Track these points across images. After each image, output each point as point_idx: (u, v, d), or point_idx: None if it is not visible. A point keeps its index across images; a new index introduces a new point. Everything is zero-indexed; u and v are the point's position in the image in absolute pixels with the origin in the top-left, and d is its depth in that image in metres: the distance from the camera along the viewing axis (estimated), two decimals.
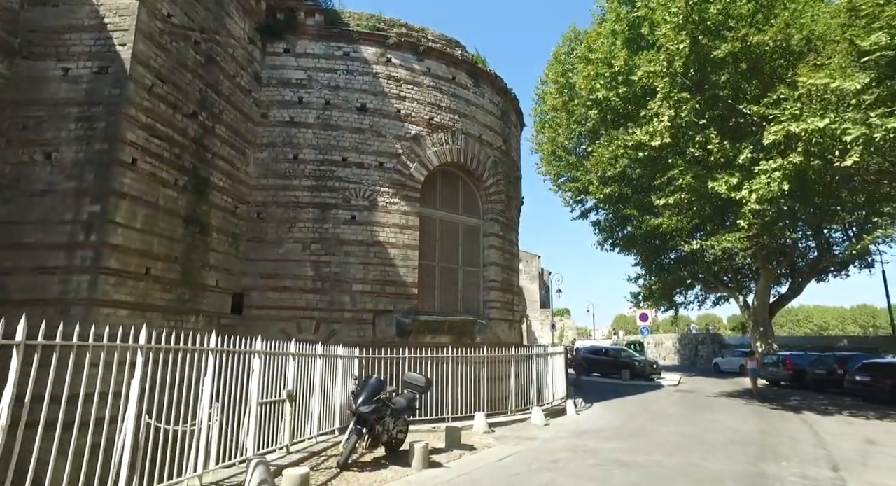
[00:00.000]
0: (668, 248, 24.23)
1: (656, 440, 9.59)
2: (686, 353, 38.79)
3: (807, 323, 62.15)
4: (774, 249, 20.17)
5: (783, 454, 8.65)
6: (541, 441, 9.41)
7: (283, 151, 11.36)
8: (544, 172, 27.16)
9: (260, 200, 11.07)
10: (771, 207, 11.73)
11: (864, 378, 16.07)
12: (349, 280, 11.05)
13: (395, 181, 11.86)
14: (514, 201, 15.06)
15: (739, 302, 25.35)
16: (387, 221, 11.62)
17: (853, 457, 8.53)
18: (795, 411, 13.74)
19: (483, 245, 13.74)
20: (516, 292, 14.50)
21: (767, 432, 10.56)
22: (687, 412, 13.35)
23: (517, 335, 14.30)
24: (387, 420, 6.93)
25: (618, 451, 8.63)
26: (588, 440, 9.61)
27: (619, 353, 24.26)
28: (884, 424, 11.98)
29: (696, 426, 11.09)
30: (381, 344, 10.58)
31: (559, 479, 6.63)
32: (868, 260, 22.47)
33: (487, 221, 13.83)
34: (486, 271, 13.56)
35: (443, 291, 12.69)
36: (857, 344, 27.16)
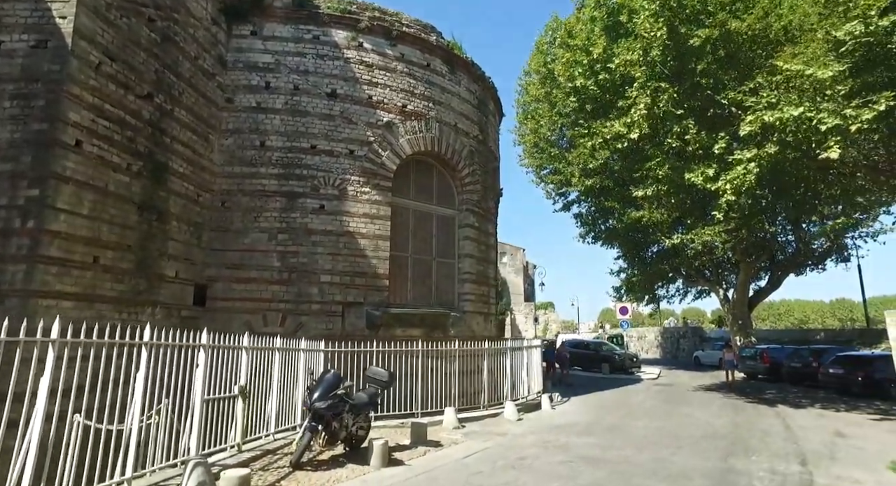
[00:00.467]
0: (649, 241, 24.21)
1: (629, 435, 9.44)
2: (668, 346, 39.03)
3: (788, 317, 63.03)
4: (753, 242, 20.19)
5: (754, 448, 8.53)
6: (511, 437, 9.20)
7: (250, 137, 10.93)
8: (527, 164, 26.88)
9: (225, 188, 10.65)
10: (747, 199, 11.61)
11: (837, 371, 16.15)
12: (317, 271, 10.71)
13: (366, 170, 11.51)
14: (491, 192, 14.79)
15: (720, 296, 25.45)
16: (357, 210, 11.28)
17: (822, 450, 8.45)
18: (770, 404, 13.73)
19: (458, 236, 13.46)
20: (492, 284, 14.26)
21: (740, 425, 10.48)
22: (663, 405, 13.26)
23: (493, 329, 14.09)
24: (345, 416, 6.64)
25: (589, 446, 8.45)
26: (560, 435, 9.42)
27: (600, 347, 24.23)
28: (853, 416, 12.00)
29: (671, 421, 10.97)
30: (350, 337, 10.26)
31: (522, 478, 6.41)
32: (844, 254, 22.65)
33: (463, 211, 13.54)
34: (461, 262, 13.29)
35: (415, 283, 12.40)
36: (833, 337, 27.44)
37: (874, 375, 15.31)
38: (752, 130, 10.23)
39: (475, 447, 8.21)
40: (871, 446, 8.91)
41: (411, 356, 10.39)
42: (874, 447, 8.86)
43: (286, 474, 5.89)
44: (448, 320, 12.13)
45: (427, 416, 10.16)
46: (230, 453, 6.16)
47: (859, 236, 21.26)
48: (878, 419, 11.82)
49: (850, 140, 11.30)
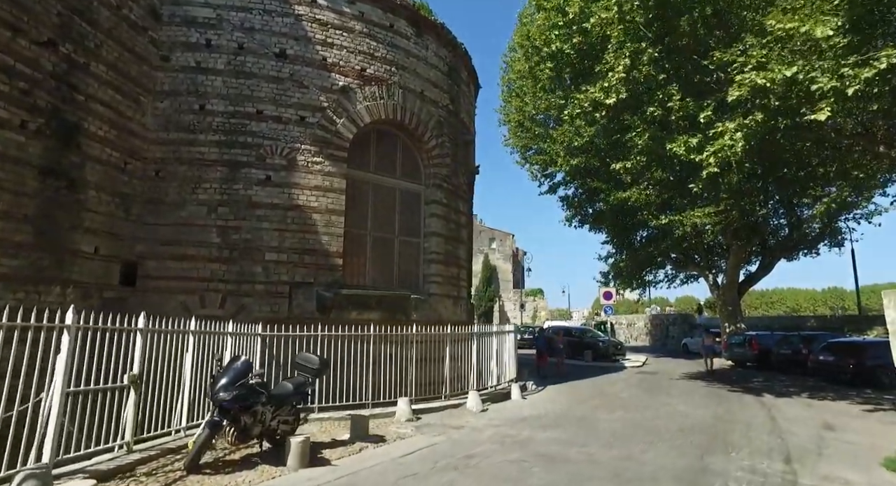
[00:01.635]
0: (637, 224, 23.28)
1: (599, 429, 8.59)
2: (657, 334, 38.40)
3: (780, 305, 62.65)
4: (744, 225, 19.30)
5: (734, 443, 7.70)
6: (468, 430, 8.33)
7: (188, 100, 9.86)
8: (512, 144, 25.82)
9: (159, 156, 9.60)
10: (735, 174, 10.68)
11: (828, 358, 15.40)
12: (262, 248, 9.73)
13: (318, 138, 10.48)
14: (462, 167, 13.78)
15: (709, 281, 24.64)
16: (308, 182, 10.27)
17: (808, 446, 7.63)
18: (756, 393, 12.94)
19: (424, 213, 12.48)
20: (463, 265, 13.33)
21: (722, 417, 9.66)
22: (642, 395, 12.44)
23: (464, 314, 13.18)
24: (259, 409, 5.71)
25: (551, 442, 7.59)
26: (523, 428, 8.56)
27: (584, 334, 23.43)
28: (843, 406, 11.22)
29: (647, 412, 10.14)
30: (298, 321, 9.32)
31: (461, 481, 5.52)
32: (838, 238, 21.83)
33: (430, 186, 12.55)
34: (427, 241, 12.33)
35: (375, 263, 11.45)
36: (824, 324, 26.76)
37: (865, 362, 14.57)
38: (741, 95, 9.25)
39: (422, 442, 7.33)
40: (863, 439, 8.10)
41: (363, 341, 9.50)
42: (866, 440, 8.05)
43: (175, 479, 4.97)
44: (410, 303, 11.20)
45: (380, 407, 9.29)
46: (116, 454, 5.23)
47: (853, 218, 20.42)
48: (870, 409, 11.05)
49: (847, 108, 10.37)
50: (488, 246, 48.65)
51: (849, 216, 20.40)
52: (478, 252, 48.37)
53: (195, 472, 5.17)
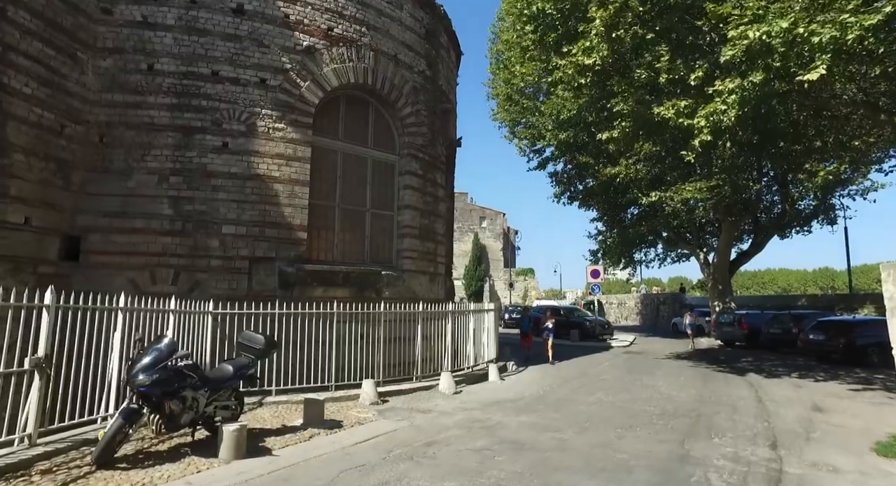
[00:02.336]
0: (627, 201, 22.67)
1: (577, 412, 8.08)
2: (647, 313, 38.15)
3: (772, 286, 63.00)
4: (737, 200, 18.71)
5: (718, 427, 7.20)
6: (434, 415, 7.79)
7: (134, 58, 9.00)
8: (500, 118, 24.94)
9: (103, 119, 8.78)
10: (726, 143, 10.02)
11: (818, 337, 14.98)
12: (218, 221, 9.02)
13: (280, 103, 9.68)
14: (441, 137, 13.02)
15: (700, 259, 24.16)
16: (269, 150, 9.51)
17: (796, 429, 7.15)
18: (743, 373, 12.51)
19: (398, 185, 11.77)
20: (440, 240, 12.67)
21: (707, 399, 9.18)
22: (626, 376, 11.97)
23: (441, 291, 12.58)
24: (188, 394, 5.09)
25: (522, 427, 7.07)
26: (495, 412, 8.03)
27: (571, 313, 22.98)
28: (833, 386, 10.80)
29: (629, 394, 9.65)
30: (259, 298, 8.72)
31: (412, 474, 4.96)
32: (831, 215, 21.31)
33: (404, 156, 11.81)
34: (401, 215, 11.65)
35: (344, 237, 10.77)
36: (814, 303, 26.46)
37: (855, 341, 14.17)
38: (735, 55, 8.54)
39: (382, 428, 6.78)
40: (853, 422, 7.64)
41: (327, 320, 8.89)
42: (856, 423, 7.59)
43: (77, 476, 4.36)
44: (381, 279, 10.57)
45: (344, 389, 8.74)
46: (15, 448, 4.61)
47: (848, 195, 19.90)
48: (860, 388, 10.64)
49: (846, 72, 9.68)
50: (479, 225, 47.98)
51: (843, 193, 19.90)
52: (468, 231, 47.76)
53: (107, 466, 4.56)
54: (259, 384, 7.32)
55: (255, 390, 7.93)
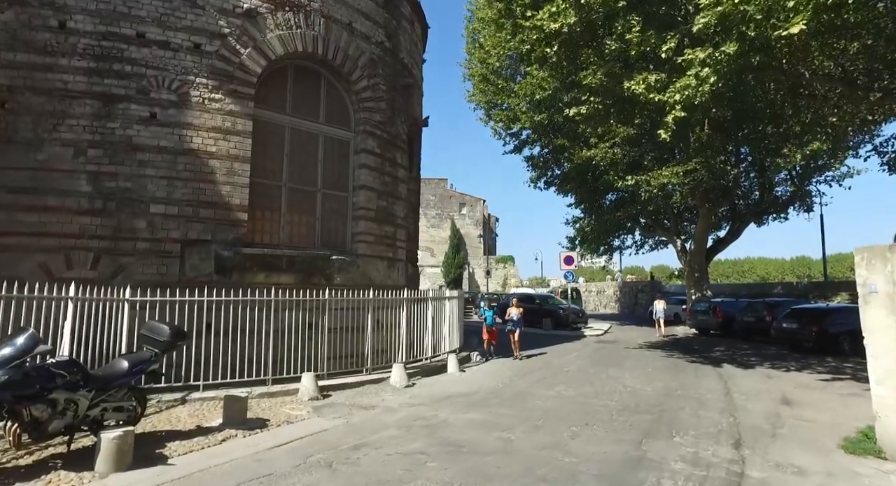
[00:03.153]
0: (604, 186, 22.13)
1: (532, 408, 7.50)
2: (626, 301, 37.97)
3: (751, 274, 63.75)
4: (714, 186, 18.25)
5: (681, 424, 6.67)
6: (378, 411, 7.15)
7: (42, 14, 8.02)
8: (476, 99, 24.12)
9: (4, 82, 7.84)
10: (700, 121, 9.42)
11: (791, 325, 14.66)
12: (145, 199, 8.18)
13: (217, 71, 8.81)
14: (402, 114, 12.23)
15: (677, 246, 23.78)
16: (204, 123, 8.66)
17: (763, 425, 6.66)
18: (715, 363, 12.09)
19: (353, 164, 10.99)
20: (401, 224, 11.94)
21: (673, 393, 8.66)
22: (592, 367, 11.45)
23: (402, 278, 11.89)
24: (59, 397, 4.34)
25: (469, 426, 6.45)
26: (443, 408, 7.41)
27: (545, 301, 22.48)
28: (803, 377, 10.40)
29: (593, 387, 9.10)
30: (193, 284, 7.94)
31: (324, 485, 4.29)
32: (808, 202, 21.03)
33: (360, 133, 11.01)
34: (356, 196, 10.89)
35: (292, 219, 10.00)
36: (791, 291, 26.40)
37: (828, 329, 13.87)
38: (708, 23, 7.91)
39: (311, 428, 6.11)
40: (821, 416, 7.18)
41: (263, 308, 8.15)
42: (824, 417, 7.13)
43: None
44: (331, 264, 9.85)
45: (283, 383, 8.04)
46: None
47: (825, 181, 19.60)
48: (830, 378, 10.25)
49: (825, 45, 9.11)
50: (458, 211, 47.25)
51: (820, 179, 19.59)
52: (447, 218, 47.04)
53: None
54: (185, 380, 6.60)
55: (179, 385, 7.24)
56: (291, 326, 8.53)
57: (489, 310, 13.26)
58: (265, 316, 8.16)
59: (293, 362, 8.40)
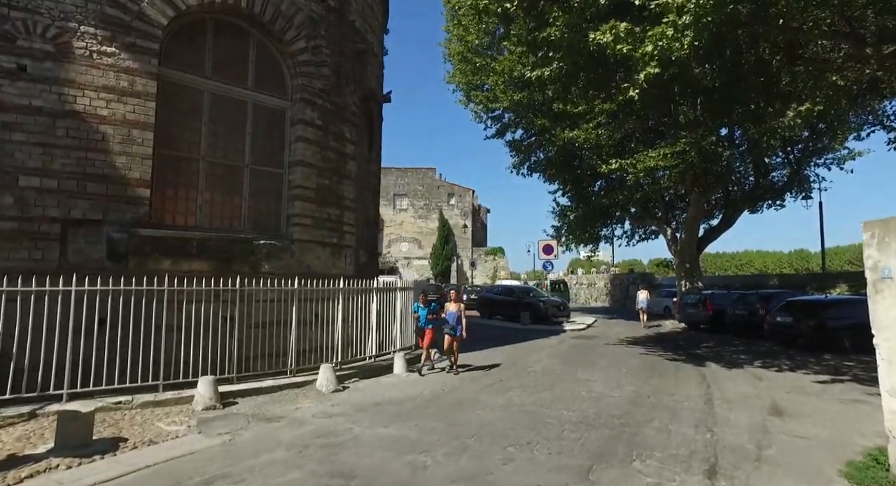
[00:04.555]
0: (589, 171, 20.83)
1: (468, 421, 6.23)
2: (617, 294, 36.74)
3: (749, 267, 62.83)
4: (705, 169, 16.91)
5: (646, 442, 5.42)
6: (281, 425, 5.89)
7: None
8: (456, 80, 22.70)
9: None
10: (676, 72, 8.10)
11: (786, 319, 13.41)
12: (11, 169, 6.82)
13: (109, 19, 7.44)
14: (351, 83, 10.87)
15: (667, 236, 22.50)
16: (91, 81, 7.31)
17: (746, 444, 5.40)
18: (700, 362, 10.83)
19: (289, 137, 9.66)
20: (348, 206, 10.63)
21: (644, 400, 7.40)
22: (560, 367, 10.18)
23: (350, 266, 10.60)
24: None
25: (379, 446, 5.20)
26: (363, 420, 6.16)
27: (526, 293, 21.17)
28: (798, 378, 9.15)
29: (553, 392, 7.84)
30: (79, 272, 6.63)
31: None
32: (806, 187, 19.71)
33: (297, 102, 9.67)
34: (292, 173, 9.57)
35: (213, 198, 8.69)
36: (787, 282, 25.17)
37: (826, 323, 12.64)
38: None
39: (176, 451, 4.84)
40: (819, 430, 5.93)
41: (152, 299, 6.85)
42: (822, 432, 5.88)
43: None
44: (258, 250, 8.56)
45: (180, 389, 6.76)
46: None
47: (824, 164, 18.28)
48: (828, 380, 9.01)
49: None
50: (447, 202, 45.83)
51: (819, 162, 18.27)
52: (435, 208, 45.69)
53: None
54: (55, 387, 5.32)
55: (33, 395, 5.95)
56: (201, 321, 7.26)
57: (424, 307, 9.71)
58: (165, 310, 6.87)
59: (200, 363, 7.11)
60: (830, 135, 16.70)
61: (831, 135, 16.70)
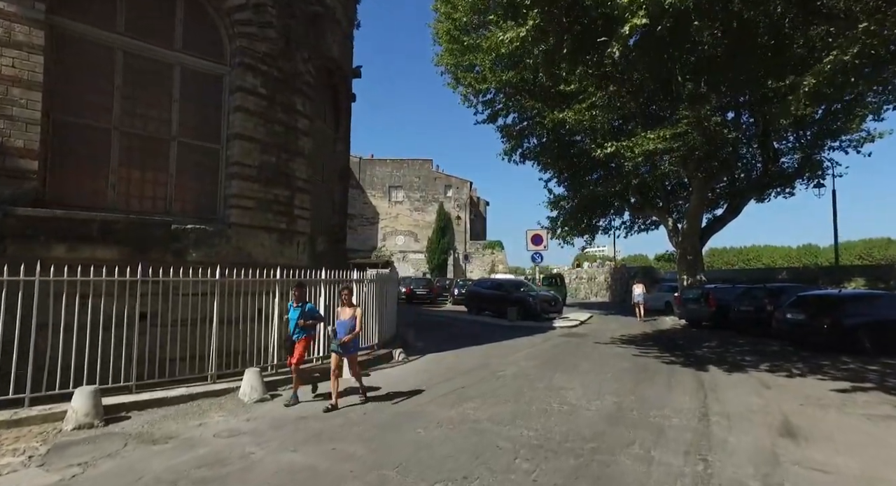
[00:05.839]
0: (583, 157, 19.51)
1: (400, 444, 5.01)
2: (618, 288, 35.35)
3: (757, 262, 61.23)
4: (709, 153, 15.52)
5: (620, 477, 4.18)
6: (166, 448, 4.72)
7: None
8: (445, 62, 21.34)
9: None
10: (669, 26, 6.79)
11: (797, 316, 12.06)
12: None
13: None
14: (304, 49, 9.60)
15: (668, 226, 21.12)
16: None
17: (749, 482, 4.14)
18: (698, 365, 9.55)
19: (227, 107, 8.43)
20: (300, 188, 9.38)
21: (626, 415, 6.13)
22: (536, 371, 8.91)
23: (303, 255, 9.38)
24: None
25: (271, 482, 3.98)
26: (272, 441, 4.98)
27: (516, 288, 19.83)
28: (813, 386, 7.80)
29: (517, 404, 6.58)
30: None
31: None
32: (819, 173, 18.25)
33: (237, 67, 8.43)
34: (230, 147, 8.35)
35: (130, 175, 7.47)
36: (797, 276, 23.73)
37: (843, 321, 11.26)
38: None
39: None
40: (843, 460, 4.66)
41: (51, 293, 5.68)
42: (849, 463, 4.60)
43: None
44: (183, 235, 7.35)
45: (55, 403, 5.57)
46: None
47: (840, 147, 16.82)
48: (849, 388, 7.68)
49: None
50: (444, 194, 44.46)
51: (834, 145, 16.81)
52: (432, 200, 44.40)
53: None
54: None
55: None
56: (100, 318, 6.09)
57: (297, 307, 6.62)
58: (53, 305, 5.70)
59: (98, 369, 5.94)
60: (845, 116, 15.26)
61: (846, 116, 15.26)
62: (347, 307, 6.50)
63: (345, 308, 6.50)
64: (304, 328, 6.58)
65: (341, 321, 6.44)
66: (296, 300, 6.68)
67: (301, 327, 6.54)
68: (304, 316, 6.58)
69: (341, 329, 6.39)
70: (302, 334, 6.57)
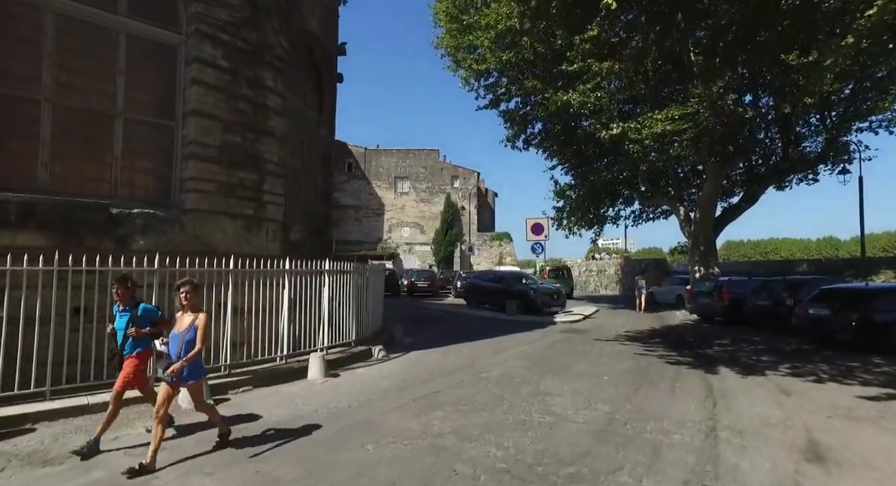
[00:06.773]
0: (591, 144, 18.47)
1: (339, 466, 4.21)
2: (628, 281, 34.18)
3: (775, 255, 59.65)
4: (723, 134, 14.39)
5: None
6: (50, 474, 3.94)
7: None
8: (444, 43, 20.35)
9: None
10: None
11: (821, 311, 11.00)
12: None
13: None
14: (275, 20, 8.74)
15: (680, 215, 19.98)
16: None
17: None
18: (708, 366, 8.57)
19: (182, 80, 7.62)
20: (271, 171, 8.57)
21: (618, 428, 5.22)
22: (525, 373, 8.01)
23: (273, 244, 8.58)
24: None
25: None
26: (181, 465, 4.16)
27: (516, 280, 18.87)
28: (841, 393, 6.79)
29: (493, 413, 5.70)
30: None
31: None
32: (846, 157, 16.98)
33: (191, 36, 7.60)
34: (186, 125, 7.55)
35: (65, 152, 6.70)
36: (819, 268, 22.41)
37: (874, 317, 10.17)
38: None
39: None
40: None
41: None
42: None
43: None
44: (126, 221, 6.59)
45: None
46: None
47: (869, 128, 15.54)
48: (883, 396, 6.66)
49: None
50: (451, 185, 43.52)
51: (862, 125, 15.54)
52: (439, 191, 43.48)
53: None
54: None
55: None
56: (18, 315, 5.36)
57: (124, 312, 4.70)
58: None
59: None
60: (877, 94, 14.02)
61: (878, 94, 14.02)
62: (188, 313, 4.46)
63: (184, 314, 4.48)
64: (139, 340, 4.65)
65: (175, 334, 4.41)
66: (121, 301, 4.71)
67: (132, 337, 4.61)
68: (135, 322, 4.63)
69: (174, 344, 4.36)
70: (136, 347, 4.66)
